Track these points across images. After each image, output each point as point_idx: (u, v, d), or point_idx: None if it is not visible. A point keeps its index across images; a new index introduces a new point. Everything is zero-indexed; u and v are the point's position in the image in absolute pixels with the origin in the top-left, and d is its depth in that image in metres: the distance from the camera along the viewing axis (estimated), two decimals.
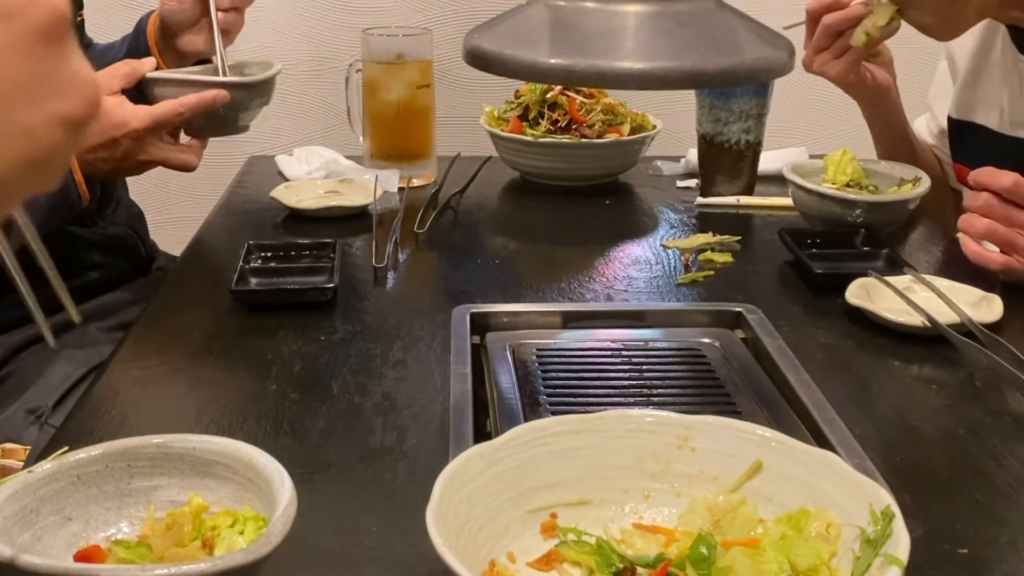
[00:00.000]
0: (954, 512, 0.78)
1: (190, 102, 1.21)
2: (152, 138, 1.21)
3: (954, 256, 1.34)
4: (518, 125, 1.58)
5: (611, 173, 1.62)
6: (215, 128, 1.29)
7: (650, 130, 1.62)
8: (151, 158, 1.22)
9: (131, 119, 1.18)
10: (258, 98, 1.29)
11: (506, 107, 1.64)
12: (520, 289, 1.22)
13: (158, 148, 1.22)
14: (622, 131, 1.59)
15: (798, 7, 2.11)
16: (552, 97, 1.57)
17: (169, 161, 1.24)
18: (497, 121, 1.63)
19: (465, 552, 0.63)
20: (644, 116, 1.65)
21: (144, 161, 1.23)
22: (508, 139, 1.58)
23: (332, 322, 1.11)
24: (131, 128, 1.18)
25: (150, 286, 1.39)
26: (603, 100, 1.60)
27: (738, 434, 0.73)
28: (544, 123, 1.56)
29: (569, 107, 1.56)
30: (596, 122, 1.57)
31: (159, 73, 1.24)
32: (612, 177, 1.62)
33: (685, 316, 1.13)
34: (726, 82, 0.87)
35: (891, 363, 1.03)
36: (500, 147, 1.63)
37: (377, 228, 1.35)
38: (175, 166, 1.25)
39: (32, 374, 1.26)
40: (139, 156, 1.21)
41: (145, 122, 1.19)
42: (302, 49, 2.10)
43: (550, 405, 0.93)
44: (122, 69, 1.21)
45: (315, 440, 0.88)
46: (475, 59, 0.82)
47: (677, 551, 0.67)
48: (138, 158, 1.21)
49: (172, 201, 2.15)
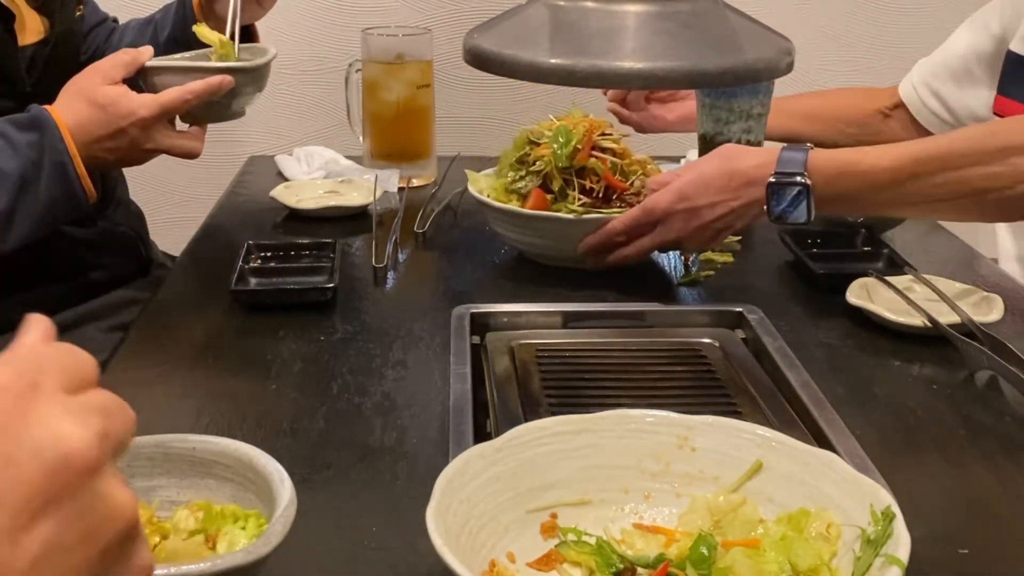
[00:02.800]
0: (954, 512, 0.78)
1: (196, 88, 1.20)
2: (158, 126, 1.20)
3: (954, 256, 1.34)
4: (542, 199, 1.22)
5: None
6: (213, 115, 1.28)
7: None
8: (157, 146, 1.21)
9: (138, 108, 1.18)
10: (256, 83, 1.28)
11: (509, 174, 1.27)
12: (520, 289, 1.21)
13: (164, 136, 1.21)
14: None
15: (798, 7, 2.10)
16: (580, 161, 1.21)
17: (175, 149, 1.23)
18: (501, 193, 1.27)
19: (465, 552, 0.63)
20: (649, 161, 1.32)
21: (150, 150, 1.21)
22: (541, 218, 1.21)
23: (332, 322, 1.11)
24: (139, 117, 1.18)
25: (150, 286, 1.39)
26: (633, 157, 1.27)
27: (738, 434, 0.73)
28: (574, 194, 1.21)
29: (603, 172, 1.22)
30: (641, 188, 1.23)
31: (157, 61, 1.24)
32: None
33: (685, 316, 1.13)
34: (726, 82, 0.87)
35: (891, 363, 1.03)
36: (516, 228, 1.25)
37: (377, 228, 1.35)
38: (180, 153, 1.24)
39: None
40: (145, 145, 1.20)
41: (152, 110, 1.18)
42: (302, 49, 2.10)
43: (550, 405, 0.93)
44: (123, 58, 1.21)
45: (315, 440, 0.87)
46: (475, 59, 0.82)
47: (677, 551, 0.67)
48: (144, 147, 1.20)
49: (172, 201, 2.15)
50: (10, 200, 1.13)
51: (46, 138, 1.15)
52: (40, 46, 1.33)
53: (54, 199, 1.17)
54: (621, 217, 1.19)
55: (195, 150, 1.25)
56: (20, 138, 1.14)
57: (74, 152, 1.16)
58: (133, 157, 1.23)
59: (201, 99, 1.21)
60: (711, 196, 1.14)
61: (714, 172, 1.14)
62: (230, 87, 1.23)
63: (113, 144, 1.18)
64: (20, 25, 1.29)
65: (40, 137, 1.15)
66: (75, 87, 1.20)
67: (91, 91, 1.18)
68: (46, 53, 1.33)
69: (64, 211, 1.19)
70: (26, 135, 1.15)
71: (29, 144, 1.14)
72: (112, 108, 1.17)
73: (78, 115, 1.17)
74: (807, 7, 2.12)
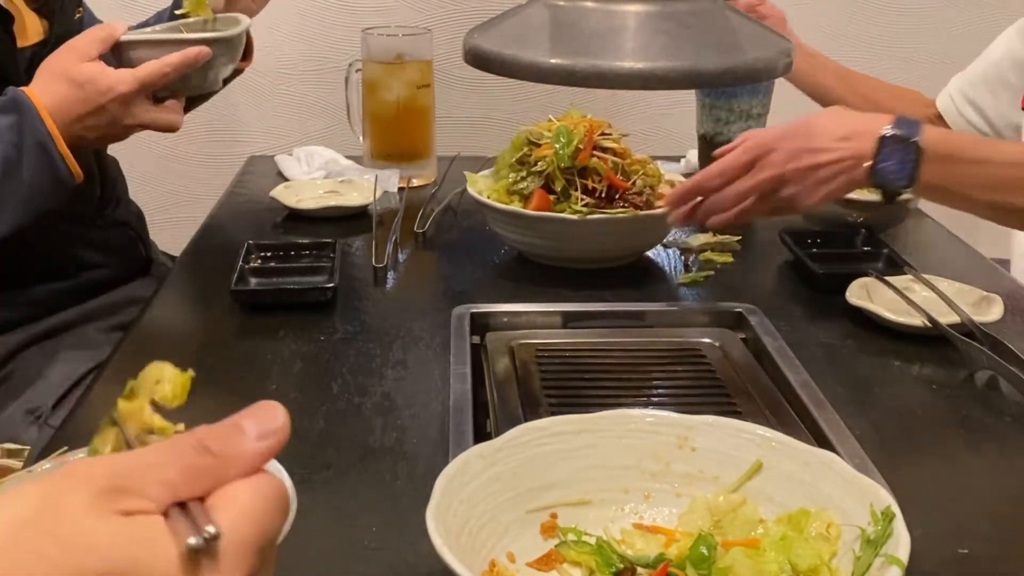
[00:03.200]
0: (954, 512, 0.78)
1: (174, 61, 1.18)
2: (138, 101, 1.19)
3: (954, 256, 1.34)
4: (545, 200, 1.22)
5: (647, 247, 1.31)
6: (189, 87, 1.26)
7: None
8: (137, 121, 1.20)
9: (116, 83, 1.16)
10: (230, 53, 1.27)
11: (511, 175, 1.27)
12: (520, 289, 1.21)
13: (143, 111, 1.20)
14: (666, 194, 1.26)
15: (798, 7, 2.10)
16: (582, 161, 1.21)
17: (156, 123, 1.21)
18: (502, 194, 1.27)
19: (465, 552, 0.63)
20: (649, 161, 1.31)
21: (130, 125, 1.20)
22: (545, 219, 1.21)
23: (332, 322, 1.11)
24: (118, 93, 1.16)
25: (150, 286, 1.39)
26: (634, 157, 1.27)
27: (738, 434, 0.73)
28: (576, 195, 1.21)
29: (605, 172, 1.21)
30: (644, 188, 1.23)
31: (132, 35, 1.22)
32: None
33: (685, 316, 1.13)
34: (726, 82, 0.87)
35: (891, 363, 1.03)
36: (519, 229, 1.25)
37: (377, 228, 1.35)
38: (161, 127, 1.22)
39: (32, 374, 1.26)
40: (125, 120, 1.19)
41: (131, 85, 1.17)
42: (302, 49, 2.10)
43: (550, 405, 0.93)
44: (98, 34, 1.19)
45: (315, 440, 0.87)
46: (475, 59, 0.82)
47: (677, 551, 0.67)
48: (124, 123, 1.19)
49: (172, 201, 2.15)
50: None
51: (24, 120, 1.14)
52: (39, 48, 1.32)
53: (38, 181, 1.15)
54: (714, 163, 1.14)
55: (175, 123, 1.23)
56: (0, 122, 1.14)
57: (54, 131, 1.15)
58: (114, 134, 1.21)
59: (179, 71, 1.19)
60: (818, 139, 1.09)
61: (823, 116, 1.12)
62: (208, 58, 1.21)
63: (94, 122, 1.17)
64: (19, 27, 1.29)
65: (19, 119, 1.13)
66: (51, 66, 1.18)
67: (68, 69, 1.16)
68: (45, 55, 1.33)
69: (50, 193, 1.18)
70: (4, 118, 1.14)
71: (8, 127, 1.13)
72: (90, 85, 1.16)
73: (56, 95, 1.15)
74: (807, 7, 2.12)
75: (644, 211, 1.21)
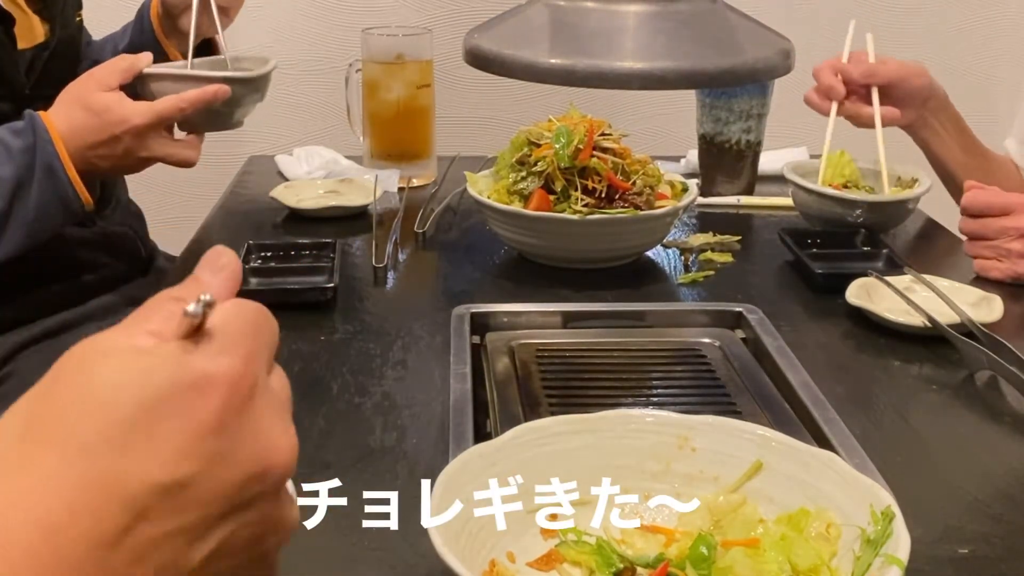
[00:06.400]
0: (954, 512, 0.78)
1: (192, 97, 1.19)
2: (153, 134, 1.19)
3: (954, 256, 1.34)
4: (545, 200, 1.21)
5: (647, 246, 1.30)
6: (211, 123, 1.27)
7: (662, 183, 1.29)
8: (152, 155, 1.21)
9: (132, 115, 1.17)
10: (255, 93, 1.28)
11: (511, 175, 1.26)
12: (520, 289, 1.21)
13: (159, 144, 1.20)
14: (665, 194, 1.27)
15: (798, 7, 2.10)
16: (582, 161, 1.20)
17: (170, 157, 1.22)
18: (503, 195, 1.26)
19: (465, 552, 0.63)
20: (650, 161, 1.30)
21: (145, 158, 1.20)
22: (545, 220, 1.20)
23: (332, 322, 1.11)
24: (132, 124, 1.17)
25: (150, 286, 1.39)
26: (634, 157, 1.25)
27: (738, 434, 0.73)
28: (576, 195, 1.20)
29: (605, 172, 1.21)
30: (644, 188, 1.23)
31: (156, 68, 1.23)
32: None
33: (685, 316, 1.13)
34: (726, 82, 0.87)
35: (891, 363, 1.03)
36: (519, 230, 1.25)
37: (377, 228, 1.35)
38: (176, 162, 1.23)
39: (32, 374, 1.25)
40: (140, 153, 1.19)
41: (147, 118, 1.17)
42: (302, 49, 2.10)
43: (550, 405, 0.93)
44: (120, 65, 1.20)
45: (315, 440, 0.87)
46: (475, 59, 0.82)
47: (677, 551, 0.67)
48: (139, 155, 1.20)
49: (172, 201, 2.15)
50: (6, 205, 1.13)
51: (37, 142, 1.14)
52: (40, 50, 1.33)
53: (45, 203, 1.16)
54: None
55: (191, 159, 1.24)
56: (14, 143, 1.14)
57: (63, 155, 1.15)
58: (128, 165, 1.22)
59: (197, 108, 1.19)
60: None
61: None
62: (227, 97, 1.22)
63: (107, 151, 1.17)
64: (20, 29, 1.29)
65: (32, 141, 1.14)
66: (71, 93, 1.19)
67: (86, 97, 1.17)
68: (45, 57, 1.33)
69: (56, 216, 1.18)
70: (19, 140, 1.14)
71: (22, 150, 1.14)
72: (106, 115, 1.16)
73: (71, 121, 1.16)
74: (807, 7, 2.12)
75: (644, 211, 1.21)
